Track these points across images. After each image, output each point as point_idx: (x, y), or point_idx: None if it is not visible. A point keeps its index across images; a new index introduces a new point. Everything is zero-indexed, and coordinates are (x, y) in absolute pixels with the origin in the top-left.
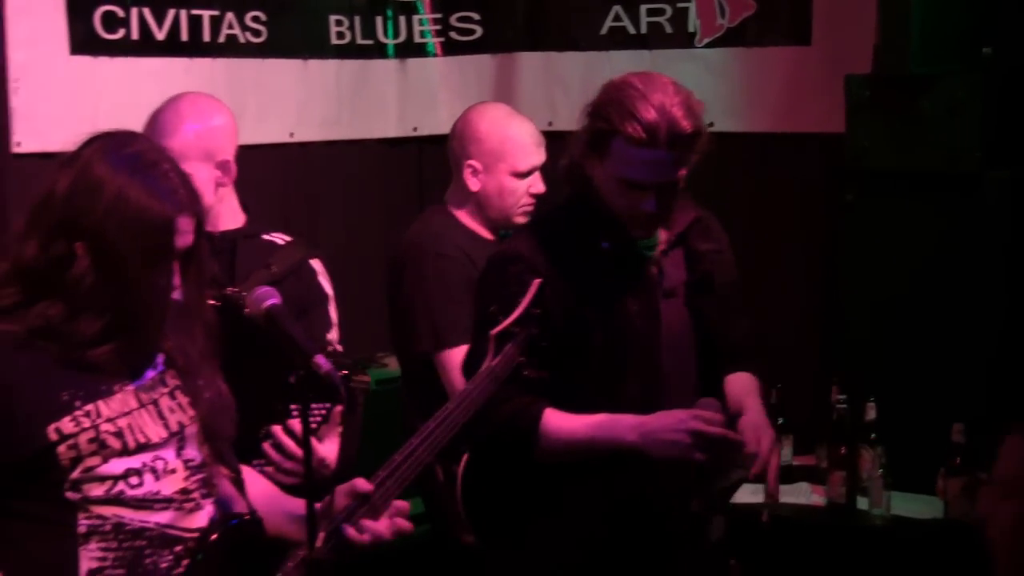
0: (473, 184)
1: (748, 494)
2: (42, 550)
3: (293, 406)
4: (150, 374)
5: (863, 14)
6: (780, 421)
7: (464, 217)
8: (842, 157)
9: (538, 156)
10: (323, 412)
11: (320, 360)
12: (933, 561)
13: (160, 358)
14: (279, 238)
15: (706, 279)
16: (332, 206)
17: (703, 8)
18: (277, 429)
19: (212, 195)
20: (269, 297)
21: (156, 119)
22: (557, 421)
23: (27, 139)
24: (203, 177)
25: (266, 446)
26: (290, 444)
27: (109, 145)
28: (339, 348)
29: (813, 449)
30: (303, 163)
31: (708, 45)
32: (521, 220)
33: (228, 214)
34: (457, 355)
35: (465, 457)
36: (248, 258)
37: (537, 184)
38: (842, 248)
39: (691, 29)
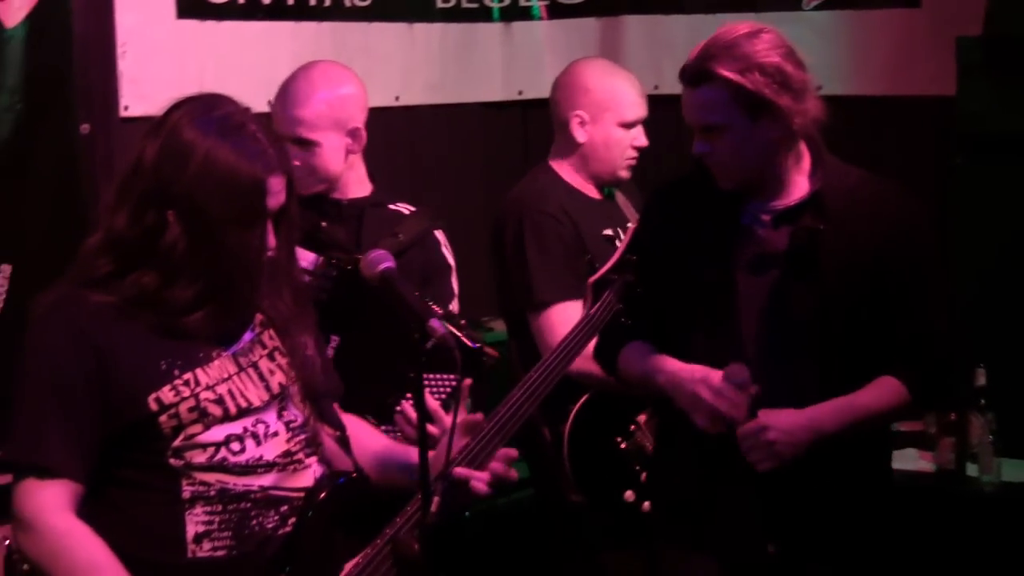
0: (580, 135)
1: None
2: (148, 516)
3: (426, 376)
4: (247, 336)
5: None
6: None
7: (568, 174)
8: (952, 121)
9: (643, 108)
10: (452, 384)
11: (435, 324)
12: None
13: (257, 318)
14: (404, 207)
15: (801, 258)
16: (436, 170)
17: None
18: (406, 403)
19: (342, 163)
20: (384, 260)
21: (287, 89)
22: (632, 352)
23: (135, 103)
24: (334, 145)
25: (397, 417)
26: (413, 416)
27: (195, 109)
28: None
29: (921, 415)
30: (408, 127)
31: (816, 8)
32: (625, 174)
33: (356, 182)
34: (553, 313)
35: (572, 416)
36: (374, 226)
37: (640, 137)
38: (951, 213)
39: None
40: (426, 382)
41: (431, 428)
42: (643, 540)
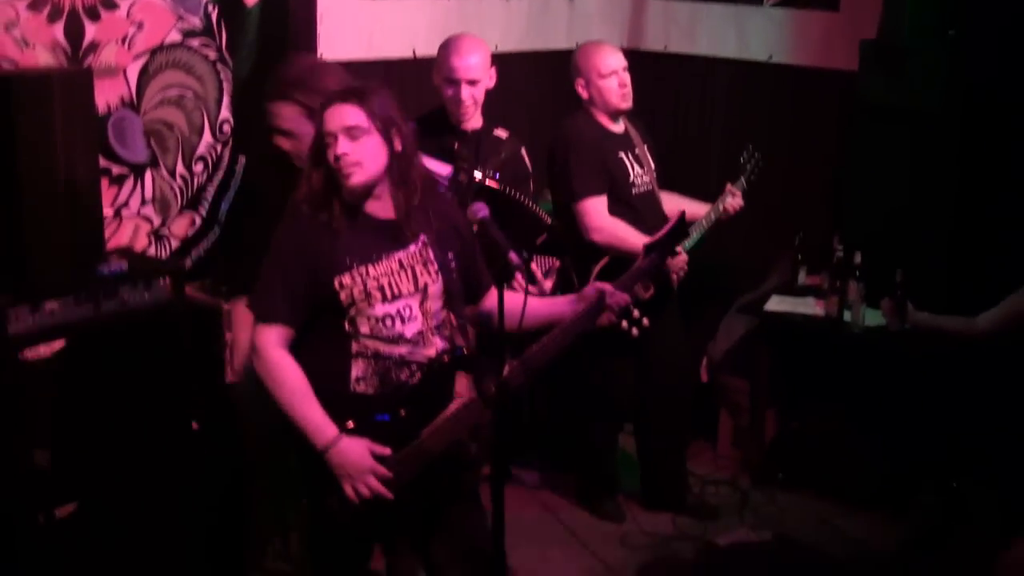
0: (584, 93)
1: (774, 304)
2: (329, 360)
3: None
4: (412, 248)
5: None
6: (800, 256)
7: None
8: (850, 90)
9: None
10: (547, 266)
11: (512, 255)
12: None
13: (422, 238)
14: (502, 132)
15: None
16: (521, 98)
17: None
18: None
19: (483, 98)
20: (481, 211)
21: (458, 48)
22: None
23: (327, 52)
24: (487, 83)
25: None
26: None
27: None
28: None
29: (819, 273)
30: (501, 67)
31: (773, 6)
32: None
33: (476, 118)
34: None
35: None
36: (486, 147)
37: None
38: (847, 162)
39: None
40: (534, 261)
41: (532, 289)
42: None
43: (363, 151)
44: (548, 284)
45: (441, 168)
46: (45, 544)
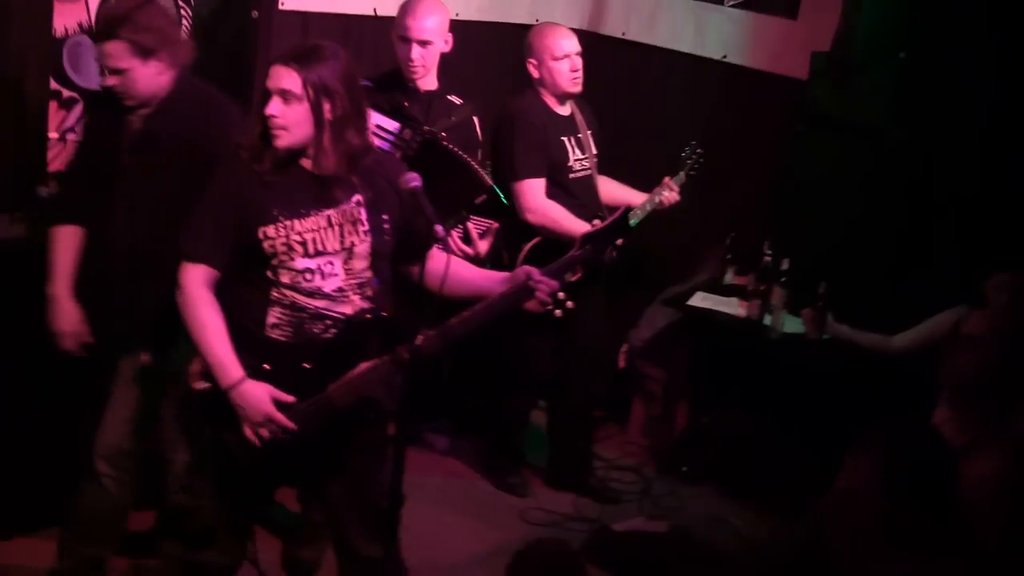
0: (535, 73)
1: (698, 300)
2: (249, 301)
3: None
4: (344, 207)
5: (835, 5)
6: (729, 256)
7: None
8: (798, 99)
9: (569, 46)
10: (484, 227)
11: (438, 228)
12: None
13: (355, 198)
14: (456, 98)
15: None
16: (479, 65)
17: None
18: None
19: (438, 57)
20: (413, 180)
21: (414, 9)
22: None
23: (288, 2)
24: (440, 46)
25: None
26: (459, 244)
27: None
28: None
29: (747, 275)
30: (461, 35)
31: (732, 7)
32: (574, 89)
33: (430, 79)
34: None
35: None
36: (437, 110)
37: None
38: (786, 169)
39: None
40: (468, 220)
41: (467, 249)
42: None
43: (291, 117)
44: (484, 245)
45: (389, 124)
46: None
